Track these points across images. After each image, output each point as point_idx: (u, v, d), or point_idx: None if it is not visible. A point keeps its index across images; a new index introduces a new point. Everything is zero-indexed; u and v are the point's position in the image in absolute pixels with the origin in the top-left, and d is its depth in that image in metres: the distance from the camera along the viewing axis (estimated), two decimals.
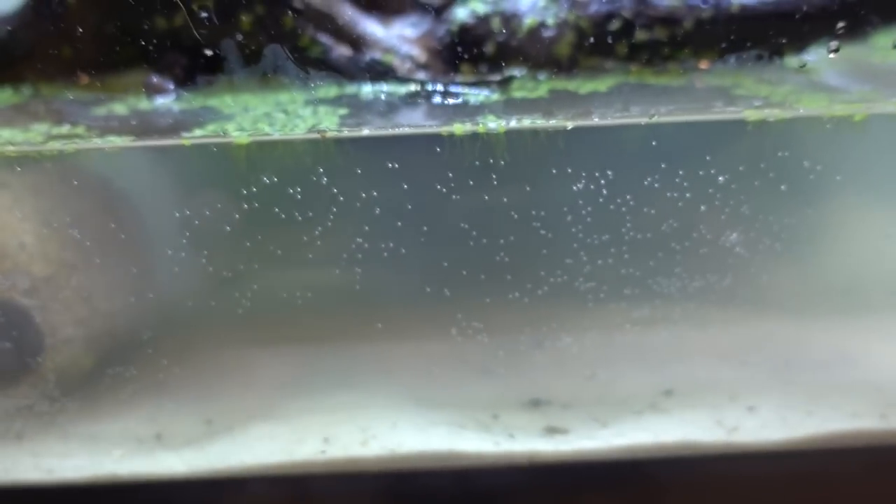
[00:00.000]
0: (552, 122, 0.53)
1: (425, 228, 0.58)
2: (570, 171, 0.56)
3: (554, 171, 0.55)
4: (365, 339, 0.68)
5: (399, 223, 0.57)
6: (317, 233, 0.58)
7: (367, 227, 0.57)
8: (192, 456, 0.64)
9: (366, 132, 0.53)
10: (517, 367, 0.73)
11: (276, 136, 0.53)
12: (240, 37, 0.64)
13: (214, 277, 0.65)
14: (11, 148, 0.53)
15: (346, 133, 0.53)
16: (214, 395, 0.71)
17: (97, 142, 0.53)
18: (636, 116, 0.54)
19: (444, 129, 0.53)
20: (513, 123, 0.53)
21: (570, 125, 0.53)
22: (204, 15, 0.64)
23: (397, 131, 0.53)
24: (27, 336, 0.64)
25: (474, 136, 0.53)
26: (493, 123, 0.54)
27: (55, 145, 0.53)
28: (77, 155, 0.55)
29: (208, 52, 0.65)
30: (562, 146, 0.54)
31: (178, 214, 0.59)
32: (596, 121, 0.53)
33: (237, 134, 0.53)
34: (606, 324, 0.71)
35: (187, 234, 0.59)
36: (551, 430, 0.67)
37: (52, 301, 0.65)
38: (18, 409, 0.66)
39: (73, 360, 0.67)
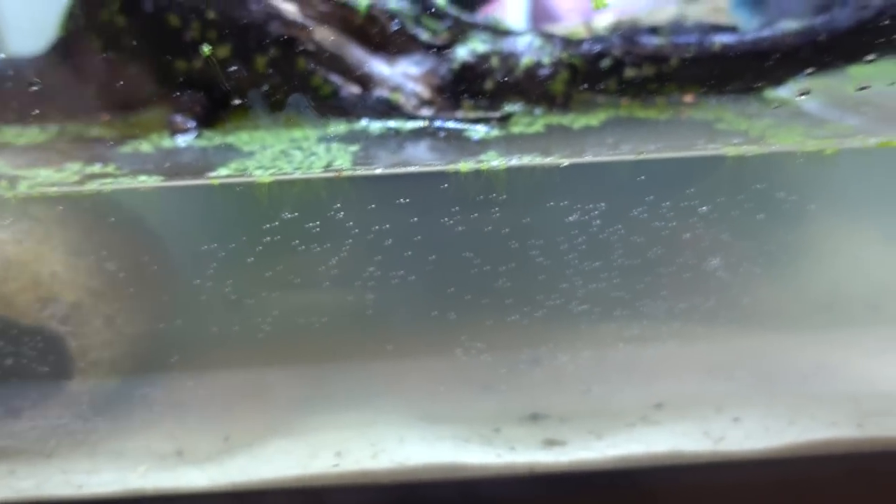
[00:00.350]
0: (549, 160, 0.58)
1: (432, 257, 0.63)
2: (565, 203, 0.61)
3: (550, 204, 0.60)
4: (375, 359, 0.73)
5: (408, 252, 0.62)
6: (332, 262, 0.62)
7: (379, 257, 0.62)
8: (213, 471, 0.69)
9: (378, 171, 0.57)
10: (517, 384, 0.78)
11: (297, 174, 0.57)
12: (266, 87, 0.70)
13: (235, 304, 0.70)
14: (53, 189, 0.57)
15: (359, 172, 0.58)
16: (232, 414, 0.75)
17: (130, 182, 0.58)
18: (626, 154, 0.58)
19: (451, 167, 0.58)
20: (513, 162, 0.58)
21: (565, 162, 0.57)
22: (232, 68, 0.69)
23: (407, 170, 0.58)
24: (60, 360, 0.69)
25: (478, 173, 0.58)
26: (495, 161, 0.58)
27: (92, 186, 0.58)
28: (109, 194, 0.59)
29: (236, 102, 0.70)
30: (557, 181, 0.58)
31: (202, 246, 0.63)
32: (589, 158, 0.58)
33: (259, 173, 0.58)
34: (599, 342, 0.75)
35: (211, 264, 0.64)
36: (550, 443, 0.71)
37: (81, 326, 0.70)
38: (51, 429, 0.70)
39: (101, 381, 0.72)
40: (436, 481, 0.66)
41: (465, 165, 0.58)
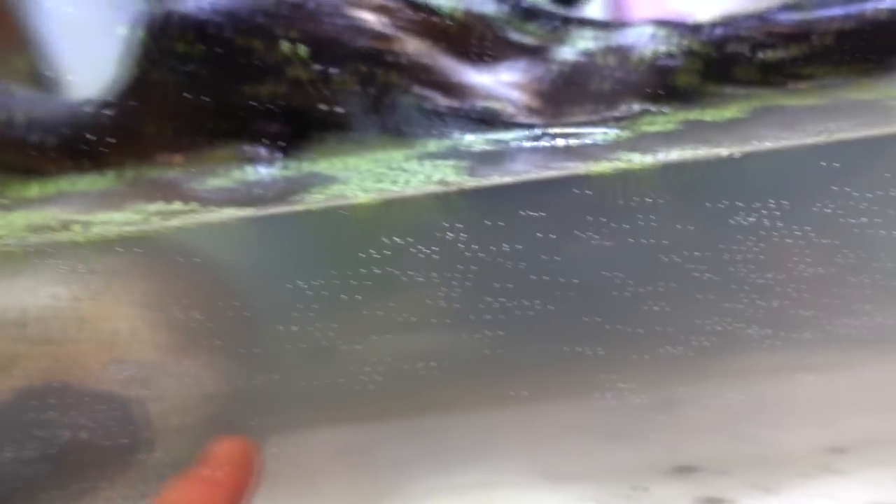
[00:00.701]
0: (711, 152, 0.47)
1: (566, 280, 0.52)
2: (734, 203, 0.50)
3: (716, 206, 0.50)
4: (493, 408, 0.62)
5: (537, 276, 0.52)
6: (446, 293, 0.53)
7: (500, 284, 0.52)
8: None
9: (506, 179, 0.48)
10: (650, 429, 0.66)
11: (404, 190, 0.48)
12: (353, 108, 0.62)
13: (329, 351, 0.60)
14: (130, 229, 0.50)
15: (476, 182, 0.48)
16: (327, 481, 0.65)
17: (216, 214, 0.50)
18: (809, 136, 0.47)
19: (591, 170, 0.48)
20: (672, 156, 0.47)
21: (736, 152, 0.47)
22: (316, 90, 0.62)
23: (537, 176, 0.49)
24: (139, 427, 0.61)
25: (621, 173, 0.48)
26: (642, 157, 0.48)
27: (173, 222, 0.50)
28: (191, 232, 0.52)
29: (330, 105, 0.62)
30: (724, 177, 0.48)
31: (292, 286, 0.55)
32: (767, 145, 0.47)
33: (360, 194, 0.49)
34: (761, 372, 0.63)
35: (304, 305, 0.55)
36: (709, 501, 0.59)
37: (162, 389, 0.62)
38: None
39: (182, 450, 0.63)
40: None
41: (608, 165, 0.48)
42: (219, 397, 0.65)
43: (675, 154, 0.48)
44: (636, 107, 0.65)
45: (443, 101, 0.67)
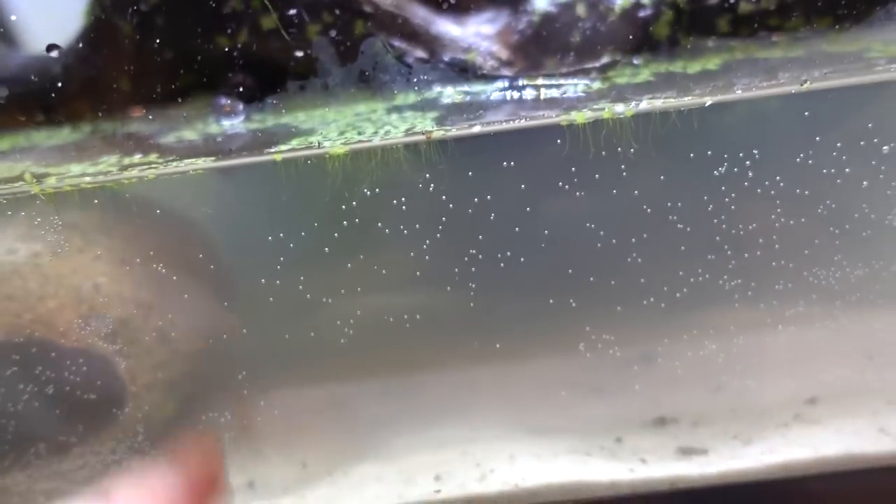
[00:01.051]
0: (687, 100, 0.46)
1: (546, 232, 0.52)
2: (709, 153, 0.49)
3: (690, 156, 0.49)
4: (472, 363, 0.62)
5: (515, 229, 0.51)
6: (424, 247, 0.52)
7: (480, 237, 0.51)
8: None
9: (477, 129, 0.47)
10: (630, 383, 0.67)
11: (376, 141, 0.47)
12: (320, 59, 0.60)
13: (308, 305, 0.59)
14: (88, 179, 0.48)
15: (454, 132, 0.47)
16: (308, 436, 0.65)
17: (178, 165, 0.48)
18: (786, 84, 0.47)
19: (564, 118, 0.47)
20: (643, 105, 0.47)
21: (708, 101, 0.46)
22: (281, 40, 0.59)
23: (512, 125, 0.48)
24: (109, 385, 0.60)
25: (597, 123, 0.47)
26: (619, 107, 0.47)
27: (132, 173, 0.48)
28: (153, 183, 0.50)
29: (298, 54, 0.60)
30: (696, 126, 0.47)
31: (265, 239, 0.53)
32: (739, 93, 0.46)
33: (329, 144, 0.48)
34: (727, 328, 0.63)
35: (278, 259, 0.54)
36: (687, 451, 0.59)
37: (130, 345, 0.60)
38: (104, 465, 0.61)
39: (155, 408, 0.62)
40: None
41: (582, 115, 0.47)
42: (192, 354, 0.64)
43: (650, 103, 0.48)
44: (611, 58, 0.64)
45: (416, 52, 0.66)
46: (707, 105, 0.46)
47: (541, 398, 0.65)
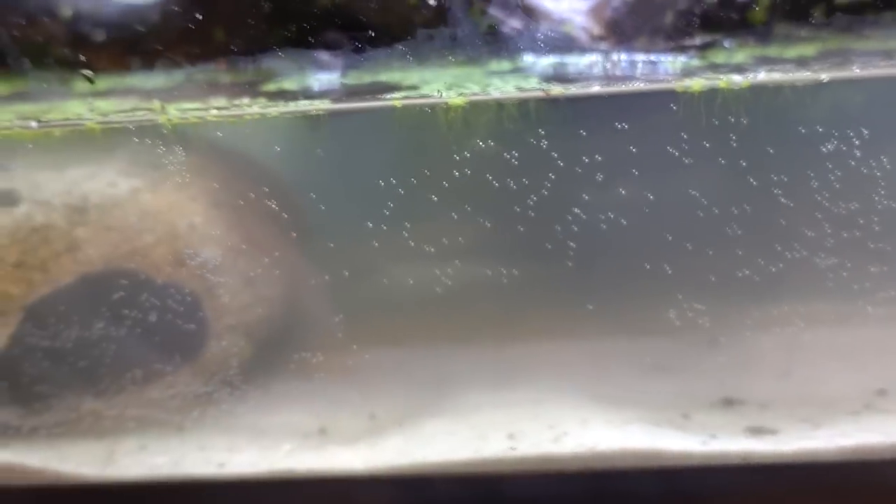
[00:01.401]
0: (804, 75, 0.47)
1: (651, 197, 0.52)
2: (819, 129, 0.50)
3: (801, 130, 0.50)
4: (549, 329, 0.63)
5: (622, 191, 0.52)
6: (529, 202, 0.53)
7: (586, 196, 0.52)
8: (364, 452, 0.60)
9: (595, 89, 0.48)
10: (695, 364, 0.67)
11: (496, 94, 0.48)
12: (416, 23, 0.61)
13: (405, 255, 0.60)
14: (214, 112, 0.50)
15: (573, 91, 0.48)
16: (378, 389, 0.66)
17: (297, 105, 0.49)
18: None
19: (680, 85, 0.48)
20: (761, 76, 0.47)
21: (825, 77, 0.47)
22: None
23: (628, 88, 0.48)
24: (194, 322, 0.61)
25: (713, 92, 0.48)
26: (737, 77, 0.48)
27: (254, 109, 0.49)
28: (262, 124, 0.51)
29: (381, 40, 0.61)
30: (809, 102, 0.48)
31: (367, 186, 0.55)
32: (857, 72, 0.47)
33: (448, 94, 0.49)
34: (808, 316, 0.64)
35: (381, 208, 0.55)
36: (756, 431, 0.60)
37: (217, 286, 0.62)
38: (180, 399, 0.63)
39: (235, 349, 0.64)
40: (633, 470, 0.56)
41: (699, 83, 0.48)
42: (273, 301, 0.65)
43: (768, 75, 0.48)
44: (706, 39, 0.65)
45: (511, 23, 0.67)
46: (824, 81, 0.47)
47: (610, 371, 0.66)
